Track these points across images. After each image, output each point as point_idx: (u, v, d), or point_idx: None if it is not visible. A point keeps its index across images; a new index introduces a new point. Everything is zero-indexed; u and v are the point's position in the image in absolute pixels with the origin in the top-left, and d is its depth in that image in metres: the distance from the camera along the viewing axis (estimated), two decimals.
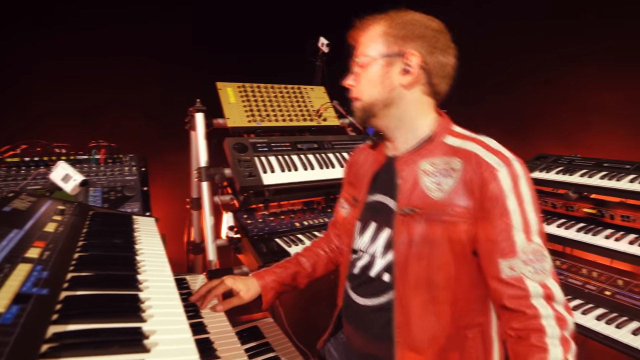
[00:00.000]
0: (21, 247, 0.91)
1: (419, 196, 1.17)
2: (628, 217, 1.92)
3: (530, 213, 1.07)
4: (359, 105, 1.27)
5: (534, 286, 1.03)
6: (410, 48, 1.19)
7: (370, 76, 1.23)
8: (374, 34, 1.23)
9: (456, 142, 1.19)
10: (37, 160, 2.21)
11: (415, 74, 1.19)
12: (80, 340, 0.64)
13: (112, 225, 1.36)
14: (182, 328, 0.76)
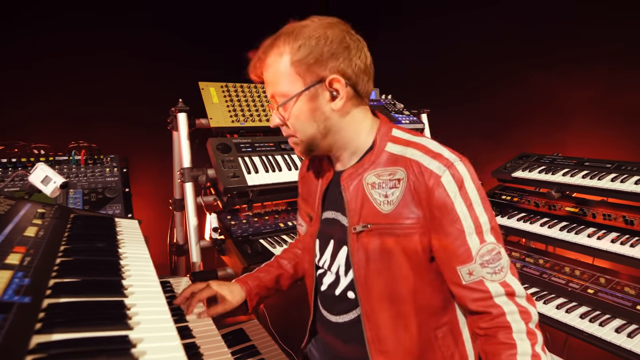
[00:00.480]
0: (0, 253, 0.88)
1: (368, 212, 1.14)
2: (609, 215, 1.95)
3: (480, 214, 1.07)
4: (299, 142, 1.19)
5: (494, 287, 1.04)
6: (329, 71, 1.10)
7: (299, 114, 1.13)
8: (281, 68, 1.11)
9: (397, 149, 1.15)
10: (15, 162, 2.16)
11: (343, 96, 1.13)
12: (65, 350, 0.62)
13: (94, 228, 1.33)
14: (171, 335, 0.74)
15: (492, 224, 1.08)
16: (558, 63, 3.17)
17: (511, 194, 2.44)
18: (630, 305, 1.69)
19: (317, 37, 1.09)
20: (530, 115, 3.35)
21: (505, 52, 3.45)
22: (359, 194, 1.16)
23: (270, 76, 1.15)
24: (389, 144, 1.16)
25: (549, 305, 1.80)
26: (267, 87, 1.18)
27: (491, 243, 1.05)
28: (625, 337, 1.54)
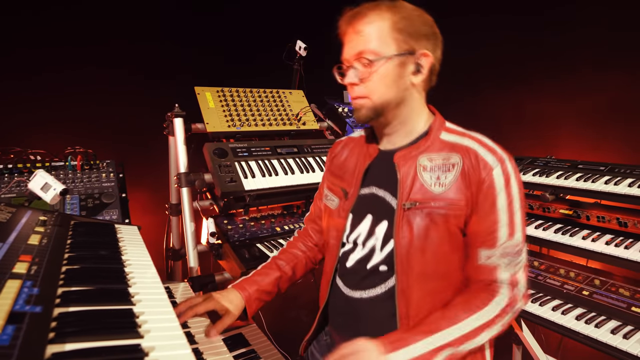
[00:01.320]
0: (7, 262, 0.88)
1: (419, 190, 1.19)
2: (603, 217, 1.98)
3: (516, 211, 1.13)
4: (369, 105, 1.22)
5: (505, 275, 1.13)
6: (421, 46, 1.20)
7: (385, 75, 1.18)
8: (381, 29, 1.17)
9: (452, 137, 1.23)
10: (11, 168, 2.15)
11: (426, 74, 1.22)
12: None
13: (95, 235, 1.32)
14: (181, 343, 0.74)
15: (523, 226, 1.15)
16: (551, 68, 3.22)
17: None
18: (625, 306, 1.72)
19: (418, 15, 1.21)
20: (523, 119, 3.39)
21: (501, 57, 3.49)
22: (411, 174, 1.22)
23: (366, 30, 1.18)
24: (444, 133, 1.24)
25: (544, 307, 1.82)
26: (354, 42, 1.21)
27: (519, 241, 1.13)
28: (621, 338, 1.56)
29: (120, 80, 3.31)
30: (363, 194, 1.32)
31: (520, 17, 3.36)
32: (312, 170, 2.31)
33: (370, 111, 1.22)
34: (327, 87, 2.58)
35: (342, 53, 1.25)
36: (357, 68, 1.20)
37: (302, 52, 2.83)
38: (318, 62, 2.64)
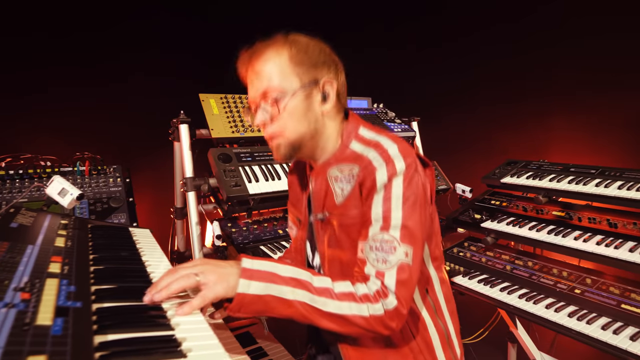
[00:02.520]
0: (42, 263, 0.95)
1: (329, 202, 1.24)
2: (594, 219, 2.06)
3: (394, 209, 1.12)
4: (285, 142, 1.23)
5: (371, 270, 1.11)
6: (324, 75, 1.22)
7: (293, 111, 1.19)
8: (281, 65, 1.18)
9: (359, 147, 1.23)
10: (22, 173, 2.21)
11: (334, 100, 1.24)
12: (124, 348, 0.70)
13: (113, 238, 1.40)
14: (209, 335, 0.82)
15: (405, 223, 1.12)
16: (547, 74, 3.31)
17: (500, 199, 2.55)
18: (615, 304, 1.80)
19: (313, 45, 1.23)
20: (517, 123, 3.48)
21: (496, 63, 3.58)
22: (323, 187, 1.25)
23: (266, 70, 1.18)
24: (354, 142, 1.25)
25: (538, 305, 1.90)
26: (256, 83, 1.21)
27: (391, 236, 1.11)
28: (611, 334, 1.64)
29: (126, 89, 3.41)
30: (312, 221, 1.35)
31: (516, 22, 3.45)
32: None
33: (287, 149, 1.23)
34: None
35: (248, 95, 1.25)
36: (265, 108, 1.20)
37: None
38: None
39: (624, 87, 2.86)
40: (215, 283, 0.99)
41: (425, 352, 1.28)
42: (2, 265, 0.88)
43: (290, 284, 1.06)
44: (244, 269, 1.04)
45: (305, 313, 1.06)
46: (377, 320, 1.07)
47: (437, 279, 1.36)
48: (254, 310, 1.04)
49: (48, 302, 0.76)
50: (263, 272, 1.05)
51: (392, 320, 1.09)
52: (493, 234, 2.35)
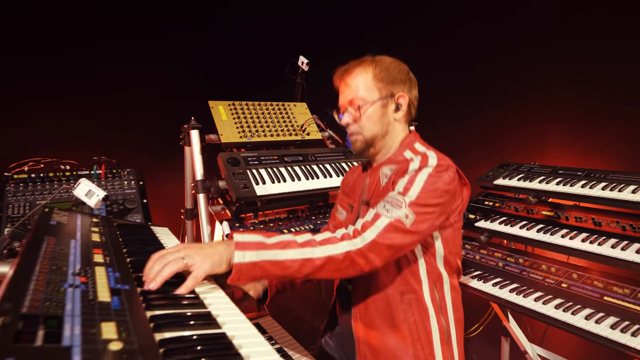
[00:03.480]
0: (86, 254, 1.09)
1: (376, 191, 1.51)
2: (580, 218, 2.20)
3: (415, 188, 1.35)
4: (362, 139, 1.56)
5: (371, 212, 1.34)
6: (399, 90, 1.53)
7: (371, 116, 1.52)
8: (366, 80, 1.53)
9: (409, 154, 1.52)
10: (43, 177, 2.35)
11: (405, 110, 1.54)
12: (171, 320, 0.84)
13: (139, 234, 1.54)
14: (235, 311, 0.97)
15: (419, 198, 1.34)
16: (536, 79, 3.46)
17: (493, 199, 2.69)
18: (598, 296, 1.94)
19: (394, 66, 1.57)
20: (510, 127, 3.63)
21: (490, 69, 3.73)
22: (375, 180, 1.54)
23: (354, 83, 1.54)
24: (407, 151, 1.53)
25: (528, 298, 2.04)
26: (346, 93, 1.56)
27: (402, 198, 1.33)
28: (593, 323, 1.78)
29: (138, 97, 3.60)
30: (361, 206, 1.60)
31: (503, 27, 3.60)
32: (316, 177, 2.52)
33: (363, 144, 1.57)
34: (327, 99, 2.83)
35: (339, 100, 1.60)
36: (350, 112, 1.55)
37: (304, 66, 3.06)
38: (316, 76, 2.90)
39: (616, 91, 3.01)
40: (202, 262, 1.13)
41: (424, 341, 1.42)
42: (56, 256, 1.02)
43: (277, 247, 1.23)
44: (237, 242, 1.21)
45: (297, 267, 1.22)
46: (357, 253, 1.26)
47: (447, 282, 1.54)
48: (251, 276, 1.20)
49: (102, 284, 0.90)
50: (253, 243, 1.22)
51: (370, 252, 1.26)
52: (486, 233, 2.50)
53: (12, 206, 2.20)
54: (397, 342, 1.41)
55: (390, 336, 1.43)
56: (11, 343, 0.59)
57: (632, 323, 1.73)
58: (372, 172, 1.60)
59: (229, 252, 1.18)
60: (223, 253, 1.17)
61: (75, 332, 0.67)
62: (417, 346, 1.42)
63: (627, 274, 1.98)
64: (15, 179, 2.31)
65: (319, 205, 2.75)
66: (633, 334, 1.66)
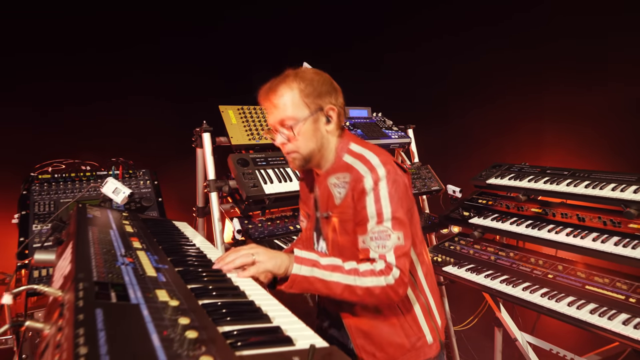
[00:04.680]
0: (126, 241, 1.26)
1: (331, 204, 1.59)
2: (566, 214, 2.38)
3: (385, 206, 1.44)
4: (299, 157, 1.57)
5: (374, 254, 1.44)
6: (326, 103, 1.55)
7: (305, 133, 1.52)
8: (293, 98, 1.50)
9: (349, 159, 1.56)
10: (66, 177, 2.52)
11: (336, 121, 1.58)
12: (207, 292, 1.02)
13: (164, 227, 1.71)
14: (258, 287, 1.14)
15: (394, 215, 1.44)
16: (527, 85, 3.64)
17: (486, 198, 2.87)
18: (580, 285, 2.12)
19: (317, 79, 1.54)
20: (504, 128, 3.81)
21: (485, 73, 3.91)
22: (326, 192, 1.61)
23: (281, 103, 1.51)
24: (346, 155, 1.58)
25: (516, 288, 2.21)
26: (274, 113, 1.53)
27: (386, 227, 1.43)
28: (575, 309, 1.95)
29: (152, 102, 3.82)
30: (318, 216, 1.71)
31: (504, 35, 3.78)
32: None
33: (301, 161, 1.59)
34: None
35: (268, 120, 1.61)
36: (283, 132, 1.55)
37: (300, 68, 3.23)
38: None
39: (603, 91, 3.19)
40: (266, 261, 1.35)
41: (410, 321, 1.59)
42: (102, 241, 1.19)
43: (328, 269, 1.40)
44: (297, 256, 1.40)
45: (340, 290, 1.39)
46: (390, 288, 1.40)
47: (417, 262, 1.68)
48: (301, 287, 1.38)
49: (146, 264, 1.07)
50: (309, 260, 1.40)
51: (400, 287, 1.42)
52: (480, 229, 2.68)
53: (38, 204, 2.37)
54: (388, 328, 1.58)
55: (379, 323, 1.59)
56: (94, 299, 0.76)
57: (610, 308, 1.91)
58: (320, 182, 1.65)
59: (289, 262, 1.38)
60: (284, 260, 1.38)
61: (138, 294, 0.84)
62: (405, 326, 1.59)
63: (607, 265, 2.16)
64: (40, 179, 2.48)
65: None
66: (609, 318, 1.84)
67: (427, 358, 1.61)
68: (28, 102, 3.37)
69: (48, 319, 0.85)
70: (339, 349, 0.78)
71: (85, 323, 0.65)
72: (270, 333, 0.88)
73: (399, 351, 1.58)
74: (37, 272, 2.03)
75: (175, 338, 0.67)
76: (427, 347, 1.61)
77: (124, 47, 3.76)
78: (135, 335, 0.66)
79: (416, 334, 1.59)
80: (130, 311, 0.75)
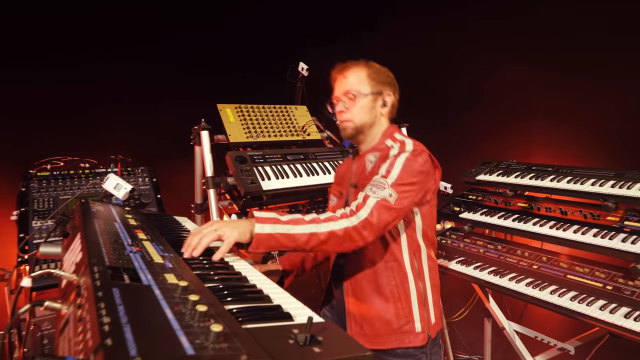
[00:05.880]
0: (131, 233, 1.35)
1: (362, 176, 1.77)
2: (550, 208, 2.48)
3: (394, 171, 1.60)
4: (352, 126, 1.80)
5: (361, 195, 1.58)
6: (387, 90, 1.81)
7: (363, 106, 1.78)
8: (361, 76, 1.80)
9: (390, 142, 1.77)
10: (65, 174, 2.58)
11: (389, 107, 1.83)
12: (212, 277, 1.10)
13: (165, 221, 1.80)
14: (257, 273, 1.23)
15: (399, 178, 1.59)
16: (516, 85, 3.74)
17: (476, 194, 2.96)
18: (562, 275, 2.22)
19: (383, 70, 1.88)
20: (493, 127, 3.91)
21: (476, 77, 4.01)
22: (361, 166, 1.81)
23: (351, 77, 1.80)
24: (388, 140, 1.79)
25: (503, 278, 2.30)
26: (343, 84, 1.81)
27: (385, 181, 1.58)
28: (556, 296, 2.05)
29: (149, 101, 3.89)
30: (349, 191, 1.86)
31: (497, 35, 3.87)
32: (316, 174, 2.78)
33: (353, 130, 1.82)
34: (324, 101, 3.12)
35: (334, 92, 1.86)
36: (344, 101, 1.80)
37: (304, 72, 3.32)
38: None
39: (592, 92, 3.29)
40: (231, 232, 1.42)
41: (404, 301, 1.69)
42: (109, 232, 1.27)
43: (289, 223, 1.49)
44: (257, 217, 1.48)
45: (304, 240, 1.47)
46: (353, 229, 1.50)
47: (425, 253, 1.78)
48: (268, 245, 1.46)
49: (153, 252, 1.16)
50: (270, 218, 1.48)
51: (365, 229, 1.51)
52: (470, 224, 2.77)
53: (37, 201, 2.44)
54: (381, 303, 1.68)
55: (375, 299, 1.69)
56: (110, 280, 0.85)
57: (588, 296, 2.02)
58: (359, 159, 1.85)
59: (251, 224, 1.45)
60: (247, 225, 1.45)
61: (148, 277, 0.92)
62: (397, 305, 1.68)
63: (588, 255, 2.26)
64: (39, 176, 2.54)
65: (318, 200, 3.00)
66: (588, 304, 1.95)
67: (411, 345, 1.68)
68: (26, 100, 3.42)
69: (65, 299, 0.93)
70: (334, 324, 0.86)
71: (105, 299, 0.73)
72: (271, 310, 0.97)
73: (385, 329, 1.68)
74: (39, 268, 2.09)
75: (187, 312, 0.75)
76: (414, 334, 1.69)
77: (123, 45, 3.82)
78: (150, 310, 0.74)
79: (406, 316, 1.68)
80: (143, 291, 0.84)
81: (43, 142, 3.35)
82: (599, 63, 3.22)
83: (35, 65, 3.42)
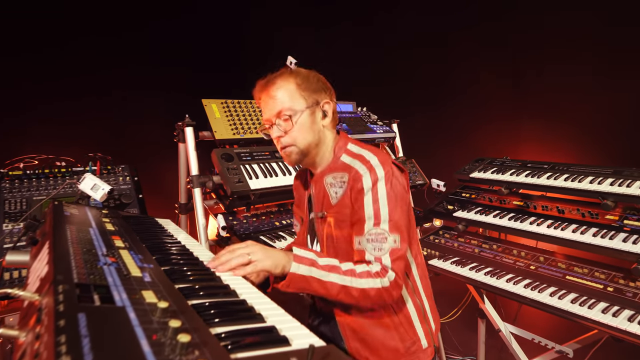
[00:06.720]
0: (107, 240, 1.23)
1: (326, 203, 1.58)
2: (547, 206, 2.41)
3: (382, 208, 1.43)
4: (296, 150, 1.55)
5: (370, 257, 1.43)
6: (322, 97, 1.57)
7: (302, 125, 1.52)
8: (290, 90, 1.52)
9: (348, 159, 1.56)
10: (39, 173, 2.43)
11: (331, 116, 1.59)
12: (194, 291, 0.99)
13: (146, 224, 1.67)
14: (248, 286, 1.12)
15: (391, 217, 1.43)
16: (508, 81, 3.67)
17: (470, 191, 2.89)
18: (561, 276, 2.15)
19: (312, 75, 1.59)
20: (487, 123, 3.85)
21: (467, 74, 3.94)
22: (321, 192, 1.60)
23: (279, 95, 1.52)
24: (344, 155, 1.59)
25: (500, 280, 2.23)
26: (272, 105, 1.53)
27: (383, 230, 1.42)
28: (556, 299, 1.98)
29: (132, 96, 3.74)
30: (311, 219, 1.70)
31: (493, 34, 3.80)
32: None
33: (298, 155, 1.56)
34: None
35: (263, 116, 1.58)
36: (280, 124, 1.53)
37: (292, 66, 3.20)
38: None
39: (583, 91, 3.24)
40: (263, 259, 1.33)
41: (405, 324, 1.58)
42: (82, 241, 1.15)
43: (325, 269, 1.39)
44: (296, 255, 1.38)
45: (336, 291, 1.38)
46: (385, 290, 1.40)
47: (414, 265, 1.68)
48: (298, 286, 1.37)
49: (130, 263, 1.04)
50: (307, 259, 1.39)
51: (394, 290, 1.41)
52: (464, 222, 2.69)
53: (9, 202, 2.28)
54: (384, 333, 1.57)
55: (374, 325, 1.57)
56: (77, 303, 0.73)
57: (589, 298, 1.95)
58: (316, 182, 1.63)
59: (287, 260, 1.36)
60: (281, 259, 1.36)
61: (123, 296, 0.81)
62: (400, 330, 1.57)
63: (586, 255, 2.20)
64: (10, 175, 2.38)
65: None
66: (589, 307, 1.88)
67: None
68: None
69: (23, 325, 0.81)
70: (336, 348, 0.76)
71: (67, 329, 0.62)
72: (265, 333, 0.86)
73: (393, 355, 1.57)
74: (9, 274, 1.94)
75: (166, 342, 0.64)
76: (422, 351, 1.60)
77: (106, 36, 3.66)
78: (122, 341, 0.64)
79: (411, 337, 1.58)
80: (115, 315, 0.73)
81: (15, 139, 3.19)
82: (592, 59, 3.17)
83: (5, 61, 3.24)
